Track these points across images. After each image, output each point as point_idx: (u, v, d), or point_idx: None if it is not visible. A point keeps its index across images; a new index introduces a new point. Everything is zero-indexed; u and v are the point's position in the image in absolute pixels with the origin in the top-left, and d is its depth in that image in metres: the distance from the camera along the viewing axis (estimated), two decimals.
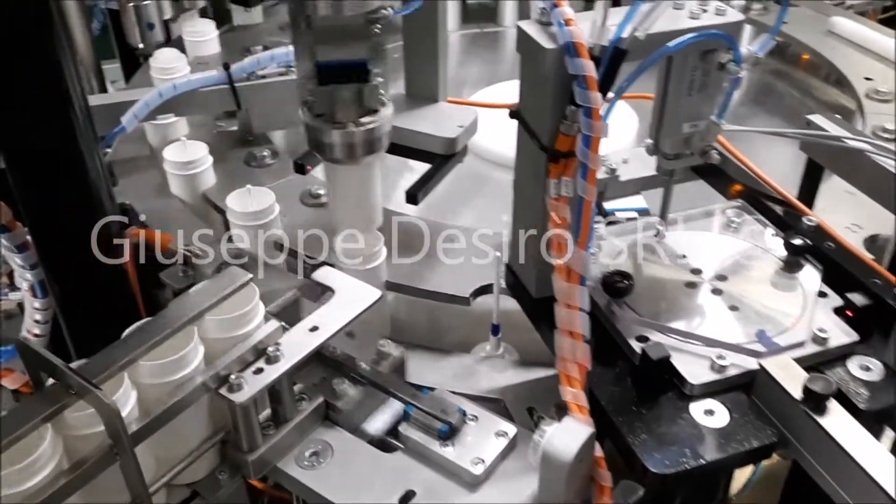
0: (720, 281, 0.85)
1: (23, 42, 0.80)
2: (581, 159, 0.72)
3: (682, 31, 0.74)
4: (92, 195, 0.90)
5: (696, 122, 0.82)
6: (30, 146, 0.87)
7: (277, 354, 0.72)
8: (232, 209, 1.02)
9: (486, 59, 1.78)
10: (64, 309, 1.00)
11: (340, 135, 0.88)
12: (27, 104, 0.84)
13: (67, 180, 0.88)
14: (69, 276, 0.96)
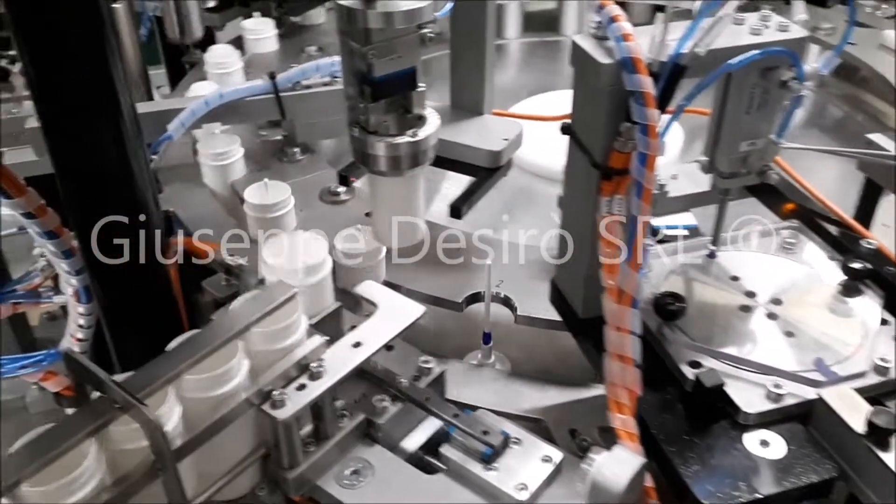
0: (775, 305, 0.82)
1: (75, 49, 0.80)
2: (636, 178, 0.70)
3: (743, 48, 0.72)
4: (138, 203, 0.90)
5: (755, 141, 0.79)
6: (80, 153, 0.87)
7: (321, 370, 0.71)
8: (248, 201, 1.03)
9: (544, 68, 1.76)
10: (107, 314, 1.00)
11: (386, 147, 0.87)
12: (79, 111, 0.84)
13: (115, 188, 0.88)
14: (114, 282, 0.96)
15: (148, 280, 0.95)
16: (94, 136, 0.86)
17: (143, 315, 0.98)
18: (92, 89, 0.83)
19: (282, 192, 1.06)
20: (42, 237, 0.94)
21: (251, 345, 0.70)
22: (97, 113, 0.85)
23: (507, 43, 1.00)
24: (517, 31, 1.83)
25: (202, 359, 0.65)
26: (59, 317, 1.42)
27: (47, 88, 0.82)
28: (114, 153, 0.86)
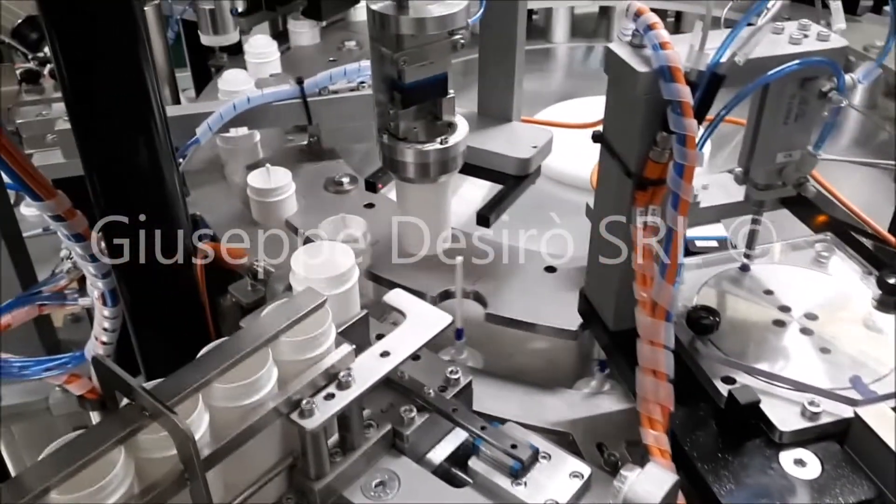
0: (810, 320, 0.81)
1: (109, 51, 0.80)
2: (672, 188, 0.68)
3: (782, 58, 0.71)
4: (168, 206, 0.90)
5: (791, 153, 0.78)
6: (111, 156, 0.87)
7: (349, 380, 0.70)
8: (251, 185, 1.06)
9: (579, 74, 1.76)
10: (134, 317, 1.00)
11: (415, 153, 0.86)
12: (111, 114, 0.84)
13: (145, 191, 0.88)
14: (141, 285, 0.96)
15: (175, 283, 0.95)
16: (125, 140, 0.86)
17: (170, 318, 0.98)
18: (124, 92, 0.83)
19: (282, 177, 1.11)
20: (70, 240, 0.94)
21: (279, 353, 0.69)
22: (129, 116, 0.85)
23: (524, 53, 0.98)
24: (565, 35, 1.84)
25: (232, 367, 0.65)
26: (82, 318, 1.43)
27: (80, 91, 0.82)
28: (145, 157, 0.86)
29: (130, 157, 0.87)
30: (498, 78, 1.02)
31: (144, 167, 0.87)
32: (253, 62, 1.38)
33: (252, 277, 0.95)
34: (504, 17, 0.99)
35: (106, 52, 0.79)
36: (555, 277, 1.02)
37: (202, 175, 1.23)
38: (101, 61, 0.80)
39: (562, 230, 1.08)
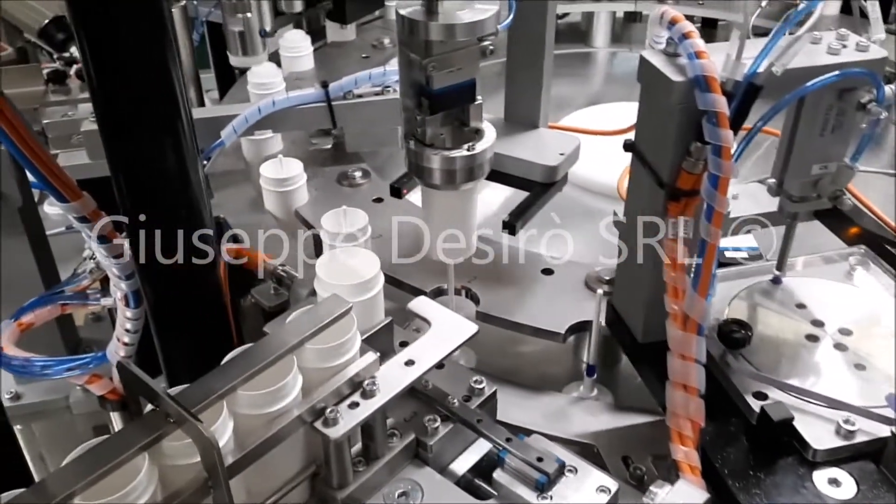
0: (844, 336, 0.79)
1: (138, 53, 0.80)
2: (707, 200, 0.67)
3: (820, 68, 0.70)
4: (193, 208, 0.90)
5: (827, 164, 0.76)
6: (137, 157, 0.87)
7: (374, 389, 0.69)
8: (263, 175, 1.09)
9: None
10: (156, 319, 1.00)
11: (441, 160, 0.85)
12: (139, 115, 0.84)
13: (171, 193, 0.87)
14: (165, 286, 0.96)
15: (199, 285, 0.95)
16: (152, 141, 0.86)
17: (193, 320, 0.98)
18: (153, 93, 0.83)
19: (294, 167, 1.13)
20: (94, 241, 0.94)
21: (304, 361, 0.68)
22: (157, 117, 0.85)
23: (552, 58, 0.98)
24: (605, 40, 1.84)
25: (258, 373, 0.64)
26: (104, 317, 1.43)
27: (108, 91, 0.82)
28: (171, 158, 0.86)
29: (157, 158, 0.87)
30: (526, 84, 1.01)
31: (171, 169, 0.87)
32: (287, 56, 1.39)
33: (276, 281, 0.94)
34: (533, 22, 0.97)
35: (135, 53, 0.79)
36: (551, 280, 1.02)
37: (226, 177, 1.23)
38: (130, 62, 0.79)
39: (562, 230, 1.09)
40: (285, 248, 1.06)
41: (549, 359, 1.04)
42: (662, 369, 0.73)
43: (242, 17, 1.25)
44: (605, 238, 1.01)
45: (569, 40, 1.85)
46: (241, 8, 1.26)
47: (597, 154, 1.13)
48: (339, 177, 1.21)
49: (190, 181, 0.88)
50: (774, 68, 0.67)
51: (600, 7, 1.80)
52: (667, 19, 0.70)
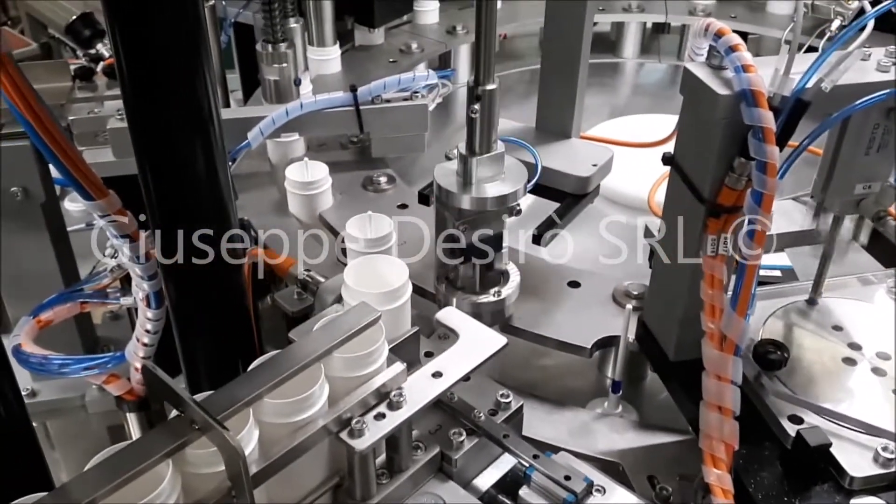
0: (882, 360, 0.77)
1: (174, 51, 0.79)
2: (750, 218, 0.65)
3: (869, 86, 0.68)
4: (221, 210, 0.89)
5: (871, 184, 0.74)
6: (166, 156, 0.86)
7: (400, 400, 0.68)
8: (288, 178, 1.09)
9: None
10: (178, 320, 0.99)
11: (470, 304, 0.91)
12: (170, 114, 0.83)
13: (200, 194, 0.86)
14: (188, 287, 0.95)
15: (223, 287, 0.94)
16: (182, 140, 0.85)
17: (215, 322, 0.97)
18: (185, 92, 0.82)
19: (320, 171, 1.13)
20: (118, 240, 0.93)
21: (331, 370, 0.67)
22: (188, 117, 0.83)
23: (587, 70, 0.96)
24: (635, 51, 1.83)
25: (284, 381, 0.63)
26: (122, 316, 1.42)
27: (139, 89, 0.81)
28: (201, 159, 0.84)
29: (187, 158, 0.86)
30: (559, 94, 1.00)
31: (199, 169, 0.86)
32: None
33: (300, 286, 0.93)
34: (568, 34, 0.96)
35: (170, 51, 0.78)
36: (578, 293, 1.00)
37: (251, 179, 1.22)
38: (165, 60, 0.78)
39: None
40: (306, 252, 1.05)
41: (574, 372, 1.02)
42: (694, 388, 0.71)
43: (279, 67, 1.26)
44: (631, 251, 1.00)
45: (597, 50, 1.83)
46: (277, 59, 1.27)
47: (627, 166, 1.12)
48: (364, 181, 1.21)
49: (219, 182, 0.87)
50: (823, 84, 0.65)
51: (631, 18, 1.79)
52: (712, 31, 0.68)
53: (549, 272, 1.00)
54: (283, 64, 1.30)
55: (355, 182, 1.21)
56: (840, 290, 0.86)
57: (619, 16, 1.78)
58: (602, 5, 1.77)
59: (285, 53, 1.30)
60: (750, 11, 1.76)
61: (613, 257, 1.07)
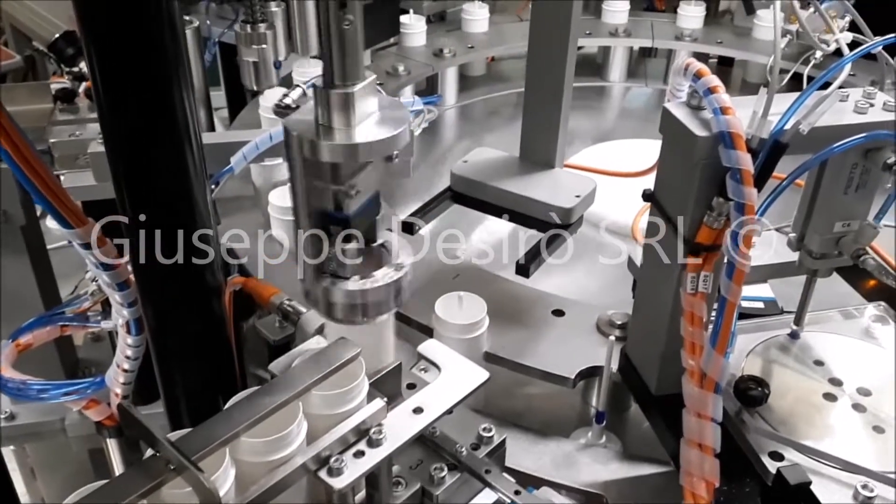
0: (863, 396, 0.77)
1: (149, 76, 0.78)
2: (729, 258, 0.66)
3: (847, 127, 0.68)
4: (199, 237, 0.88)
5: (850, 222, 0.75)
6: (144, 182, 0.85)
7: (380, 438, 0.68)
8: (272, 203, 1.08)
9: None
10: (157, 347, 0.98)
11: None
12: (148, 141, 0.82)
13: (177, 221, 0.86)
14: (167, 315, 0.94)
15: (202, 315, 0.93)
16: (160, 166, 0.84)
17: (194, 350, 0.96)
18: (161, 120, 0.82)
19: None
20: (98, 268, 0.92)
21: (310, 406, 0.67)
22: (165, 143, 0.83)
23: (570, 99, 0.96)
24: (621, 75, 1.85)
25: (262, 419, 0.62)
26: (103, 338, 1.41)
27: (116, 113, 0.80)
28: (180, 184, 0.84)
29: (163, 183, 0.85)
30: (543, 125, 1.00)
31: (179, 196, 0.85)
32: (300, 80, 1.37)
33: (281, 316, 0.92)
34: (551, 59, 0.96)
35: (146, 78, 0.77)
36: (562, 321, 0.99)
37: (234, 203, 1.21)
38: (141, 86, 0.78)
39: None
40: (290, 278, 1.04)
41: (557, 402, 1.02)
42: (676, 422, 0.71)
43: (258, 48, 1.24)
44: (616, 278, 1.00)
45: (585, 73, 1.84)
46: (256, 39, 1.25)
47: (612, 192, 1.12)
48: None
49: (198, 209, 0.87)
50: (801, 127, 0.65)
51: (617, 42, 1.81)
52: (692, 71, 0.68)
53: (532, 300, 1.00)
54: (262, 45, 1.28)
55: None
56: (822, 324, 0.86)
57: (606, 40, 1.80)
58: (588, 29, 1.78)
59: (264, 34, 1.28)
60: (736, 37, 1.78)
61: (599, 286, 1.07)
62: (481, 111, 1.74)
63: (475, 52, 1.70)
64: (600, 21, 1.83)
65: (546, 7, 0.96)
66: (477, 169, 1.02)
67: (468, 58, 1.70)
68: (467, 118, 1.73)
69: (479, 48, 1.70)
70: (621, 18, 1.82)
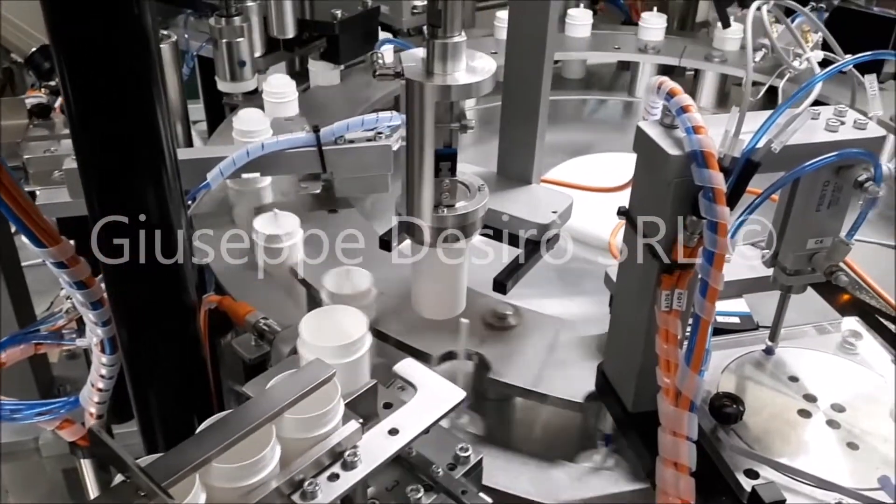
0: (837, 412, 0.78)
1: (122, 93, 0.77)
2: (702, 276, 0.66)
3: (818, 146, 0.69)
4: (174, 253, 0.87)
5: (823, 239, 0.75)
6: (118, 200, 0.84)
7: (355, 460, 0.67)
8: (257, 230, 1.08)
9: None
10: (131, 367, 0.97)
11: (433, 218, 0.84)
12: (121, 158, 0.81)
13: (151, 237, 0.85)
14: (142, 334, 0.93)
15: (177, 334, 0.92)
16: (134, 185, 0.83)
17: (169, 369, 0.95)
18: (136, 137, 0.81)
19: (290, 223, 1.09)
20: (72, 287, 0.91)
21: (283, 430, 0.66)
22: (139, 161, 0.82)
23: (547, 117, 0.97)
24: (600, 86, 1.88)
25: (233, 444, 0.62)
26: (78, 355, 1.40)
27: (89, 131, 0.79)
28: (154, 203, 0.83)
29: (138, 202, 0.84)
30: (519, 140, 1.00)
31: (153, 213, 0.84)
32: (271, 101, 1.37)
33: (257, 335, 0.92)
34: (527, 76, 0.97)
35: (118, 91, 0.76)
36: (564, 345, 0.98)
37: (211, 219, 1.20)
38: (114, 103, 0.77)
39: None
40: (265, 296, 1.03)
41: (559, 427, 1.01)
42: (652, 440, 0.71)
43: (233, 42, 1.24)
44: None
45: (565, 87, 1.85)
46: (231, 34, 1.25)
47: (589, 206, 1.13)
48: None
49: (172, 227, 0.86)
50: (773, 145, 0.66)
51: (594, 56, 1.82)
52: (665, 91, 0.69)
53: (529, 322, 0.99)
54: (237, 39, 1.28)
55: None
56: (797, 340, 0.86)
57: (583, 54, 1.81)
58: None
59: (240, 27, 1.28)
60: (699, 47, 1.78)
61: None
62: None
63: None
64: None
65: (521, 23, 0.97)
66: None
67: None
68: None
69: None
70: (584, 32, 1.82)
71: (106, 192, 0.83)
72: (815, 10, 1.50)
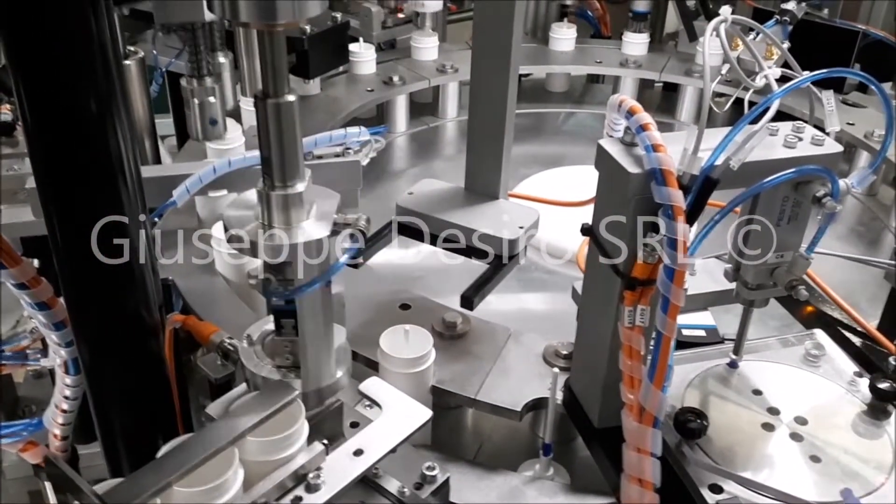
0: (800, 425, 0.78)
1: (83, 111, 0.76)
2: (663, 293, 0.66)
3: (776, 162, 0.70)
4: (135, 273, 0.86)
5: (783, 254, 0.76)
6: (76, 219, 0.83)
7: (319, 483, 0.67)
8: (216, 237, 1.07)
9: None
10: (93, 388, 0.95)
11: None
12: (79, 177, 0.80)
13: (113, 255, 0.84)
14: (104, 356, 0.92)
15: (140, 355, 0.91)
16: (92, 203, 0.82)
17: (132, 390, 0.94)
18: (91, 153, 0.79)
19: None
20: (33, 308, 0.90)
21: (246, 453, 0.65)
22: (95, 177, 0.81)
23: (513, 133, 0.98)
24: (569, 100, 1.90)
25: (195, 468, 0.61)
26: (44, 374, 1.37)
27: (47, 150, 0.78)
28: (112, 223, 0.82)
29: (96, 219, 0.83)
30: (486, 155, 1.01)
31: (111, 232, 0.83)
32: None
33: (222, 355, 0.90)
34: (493, 92, 0.97)
35: (75, 108, 0.75)
36: (508, 352, 0.99)
37: (177, 236, 1.19)
38: (69, 117, 0.76)
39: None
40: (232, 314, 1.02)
41: (506, 433, 1.01)
42: (617, 455, 0.71)
43: (205, 101, 1.25)
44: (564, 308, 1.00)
45: (529, 99, 1.86)
46: (203, 94, 1.25)
47: (558, 219, 1.13)
48: None
49: (133, 244, 0.85)
50: (731, 163, 0.66)
51: (563, 69, 1.83)
52: (625, 108, 0.69)
53: (481, 331, 1.00)
54: (209, 98, 1.28)
55: None
56: (760, 353, 0.87)
57: (550, 67, 1.83)
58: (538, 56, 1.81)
59: (212, 88, 1.28)
60: (680, 62, 1.82)
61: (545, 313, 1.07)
62: (430, 139, 1.75)
63: (425, 81, 1.71)
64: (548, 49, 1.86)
65: (487, 37, 0.97)
66: (422, 201, 1.02)
67: (419, 85, 1.70)
68: (418, 145, 1.73)
69: (429, 76, 1.72)
70: (568, 46, 1.84)
71: (63, 212, 0.82)
72: (779, 23, 1.53)
